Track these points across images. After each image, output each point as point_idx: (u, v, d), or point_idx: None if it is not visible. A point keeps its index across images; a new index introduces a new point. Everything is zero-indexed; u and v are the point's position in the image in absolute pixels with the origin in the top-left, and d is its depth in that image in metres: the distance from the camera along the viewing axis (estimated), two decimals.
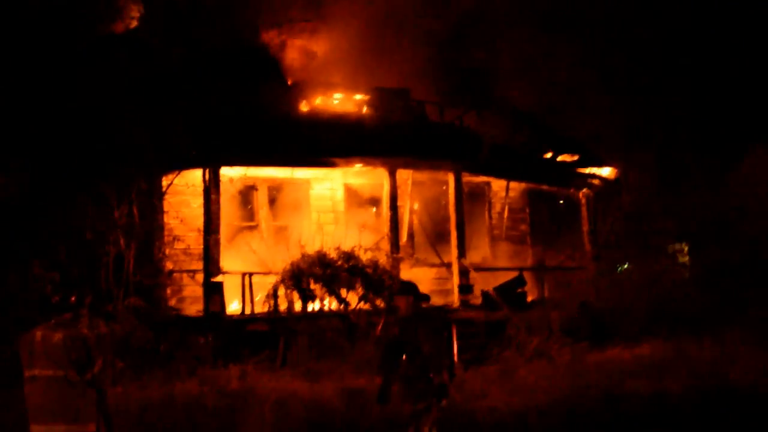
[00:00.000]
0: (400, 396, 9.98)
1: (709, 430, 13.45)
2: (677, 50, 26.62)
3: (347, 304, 17.45)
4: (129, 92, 16.74)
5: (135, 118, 16.54)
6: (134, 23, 20.16)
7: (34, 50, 16.74)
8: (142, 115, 16.62)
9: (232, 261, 18.56)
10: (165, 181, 18.32)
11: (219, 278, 17.76)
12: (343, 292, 17.39)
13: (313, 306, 17.48)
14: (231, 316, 17.65)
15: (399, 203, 20.70)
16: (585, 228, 22.69)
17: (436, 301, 20.78)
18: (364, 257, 17.82)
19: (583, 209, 22.85)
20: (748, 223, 23.02)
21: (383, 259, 18.18)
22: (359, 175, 21.27)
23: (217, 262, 17.95)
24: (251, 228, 20.33)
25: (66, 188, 16.22)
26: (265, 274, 17.93)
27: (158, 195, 18.13)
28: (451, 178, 20.84)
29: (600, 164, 23.36)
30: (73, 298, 8.91)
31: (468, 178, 21.62)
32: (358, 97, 22.36)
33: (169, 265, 18.41)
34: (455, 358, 10.54)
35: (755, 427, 13.56)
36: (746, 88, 26.95)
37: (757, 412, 14.09)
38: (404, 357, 10.01)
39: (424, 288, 21.34)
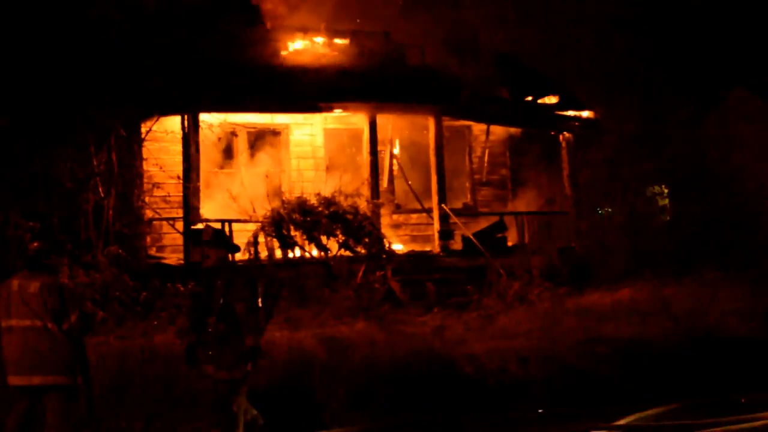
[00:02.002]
0: (212, 360, 9.00)
1: (687, 373, 13.59)
2: None
3: (327, 251, 17.44)
4: (106, 36, 16.53)
5: (112, 62, 16.35)
6: None
7: None
8: (120, 60, 16.43)
9: (212, 208, 18.50)
10: (144, 128, 18.18)
11: (199, 226, 17.69)
12: (324, 239, 17.35)
13: (294, 253, 17.46)
14: None
15: (379, 148, 20.65)
16: (565, 172, 22.64)
17: (416, 247, 20.82)
18: (345, 203, 17.76)
19: (564, 153, 22.79)
20: (727, 166, 23.08)
21: (363, 205, 18.14)
22: (339, 121, 21.17)
23: (197, 209, 17.90)
24: (231, 175, 20.24)
25: (45, 135, 16.07)
26: (245, 221, 17.89)
27: (137, 142, 17.99)
28: (431, 123, 20.75)
29: (581, 107, 23.28)
30: (52, 247, 8.88)
31: (448, 123, 21.54)
32: (338, 41, 22.16)
33: (148, 213, 18.33)
34: (262, 317, 9.26)
35: (733, 370, 13.70)
36: (727, 32, 26.89)
37: (735, 355, 14.25)
38: (213, 318, 9.02)
39: (404, 234, 21.53)
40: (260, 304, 9.19)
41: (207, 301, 9.12)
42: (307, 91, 19.22)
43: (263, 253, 17.22)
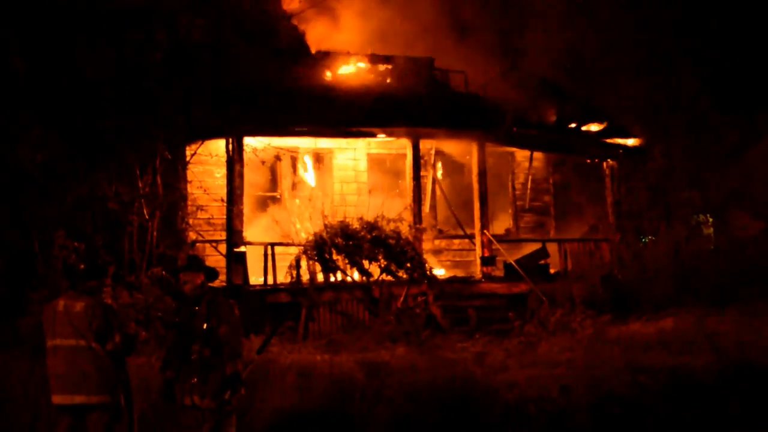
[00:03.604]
0: (197, 389, 8.65)
1: (730, 406, 13.41)
2: (705, 18, 26.35)
3: (369, 275, 17.44)
4: (153, 62, 16.71)
5: (159, 86, 16.52)
6: None
7: (56, 19, 16.72)
8: (166, 85, 16.60)
9: (255, 231, 18.61)
10: (189, 151, 18.33)
11: (242, 249, 17.80)
12: (366, 264, 17.36)
13: (336, 277, 17.47)
14: (253, 287, 17.69)
15: (422, 173, 20.67)
16: (609, 199, 22.55)
17: (458, 272, 20.78)
18: (387, 228, 17.76)
19: (607, 180, 22.71)
20: None
21: (405, 230, 18.14)
22: (382, 146, 21.26)
23: (240, 232, 17.98)
24: (274, 198, 20.39)
25: (91, 156, 16.24)
26: (287, 245, 17.94)
27: (182, 164, 18.12)
28: (474, 149, 20.76)
29: (625, 134, 23.20)
30: (96, 268, 8.95)
31: (491, 148, 21.53)
32: (382, 66, 22.27)
33: (192, 235, 18.44)
34: (241, 341, 8.92)
35: None
36: None
37: None
38: (196, 344, 8.67)
39: (446, 259, 21.50)
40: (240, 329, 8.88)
41: (189, 329, 8.78)
42: (351, 116, 19.29)
43: (305, 277, 17.24)
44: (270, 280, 17.81)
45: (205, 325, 8.71)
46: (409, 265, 17.58)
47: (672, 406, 13.25)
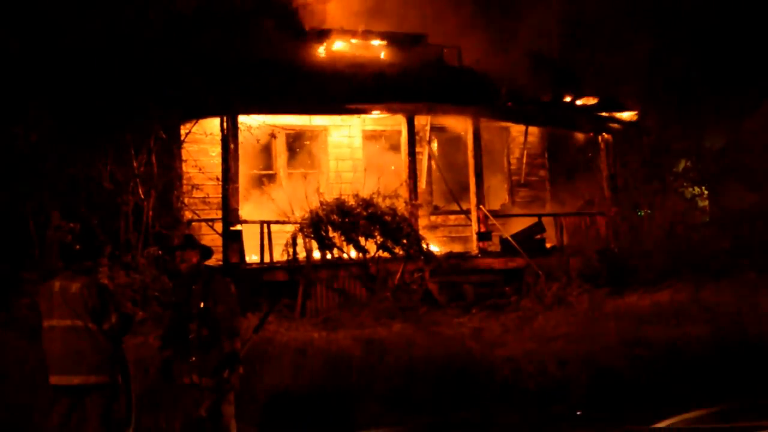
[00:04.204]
0: (195, 368, 8.72)
1: (728, 377, 13.47)
2: None
3: (366, 252, 17.43)
4: (146, 38, 16.62)
5: (152, 65, 16.44)
6: None
7: None
8: (160, 62, 16.51)
9: (250, 210, 18.56)
10: (183, 130, 18.25)
11: (238, 227, 17.77)
12: (362, 240, 17.34)
13: (332, 254, 17.46)
14: (250, 265, 17.68)
15: (417, 150, 20.61)
16: (604, 173, 22.49)
17: (454, 248, 20.78)
18: (383, 204, 17.74)
19: (603, 154, 22.65)
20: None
21: (402, 207, 18.12)
22: (377, 122, 21.22)
23: (235, 210, 17.93)
24: (270, 177, 20.35)
25: (85, 137, 16.19)
26: (283, 223, 17.92)
27: (177, 143, 18.06)
28: (469, 124, 20.71)
29: (620, 108, 23.12)
30: (92, 248, 8.96)
31: (486, 124, 21.46)
32: (376, 42, 22.19)
33: (187, 215, 18.42)
34: (238, 320, 8.93)
35: None
36: None
37: None
38: (194, 323, 8.73)
39: (442, 235, 21.51)
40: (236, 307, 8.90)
41: (186, 308, 8.83)
42: (346, 93, 19.20)
43: (301, 255, 17.24)
44: (266, 259, 17.78)
45: (201, 304, 8.75)
46: (405, 241, 17.56)
47: (669, 377, 13.31)
